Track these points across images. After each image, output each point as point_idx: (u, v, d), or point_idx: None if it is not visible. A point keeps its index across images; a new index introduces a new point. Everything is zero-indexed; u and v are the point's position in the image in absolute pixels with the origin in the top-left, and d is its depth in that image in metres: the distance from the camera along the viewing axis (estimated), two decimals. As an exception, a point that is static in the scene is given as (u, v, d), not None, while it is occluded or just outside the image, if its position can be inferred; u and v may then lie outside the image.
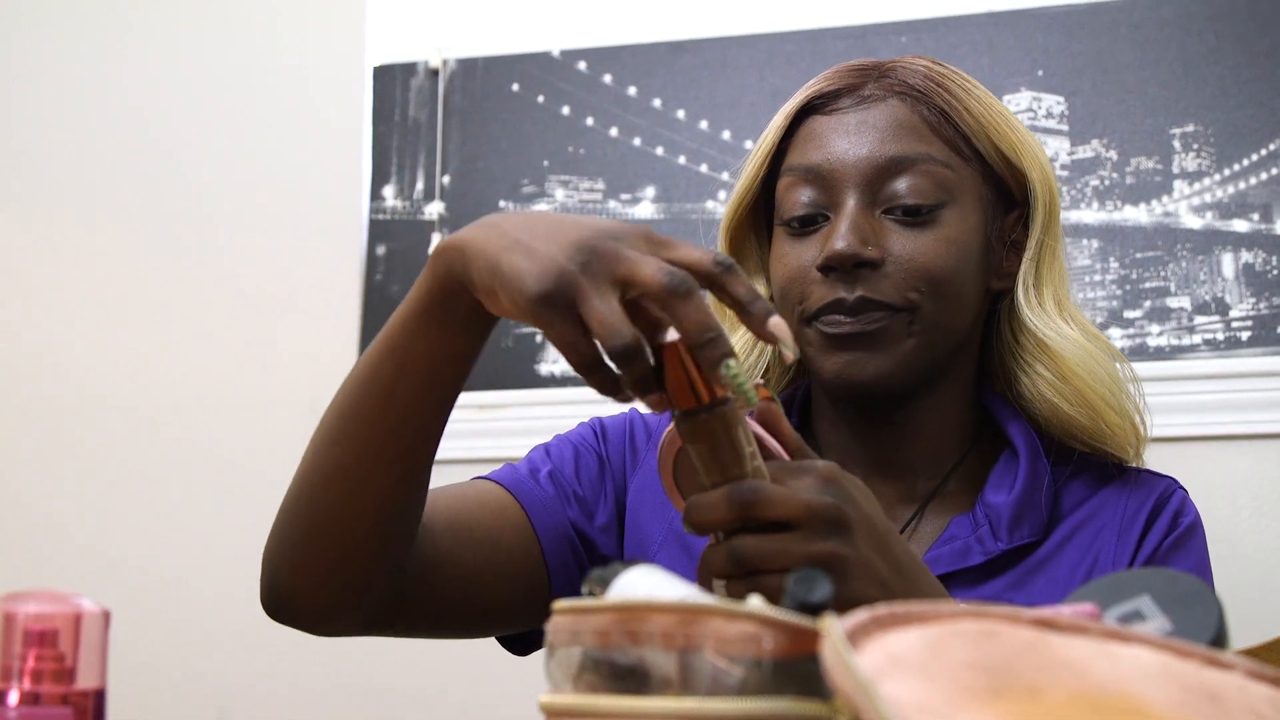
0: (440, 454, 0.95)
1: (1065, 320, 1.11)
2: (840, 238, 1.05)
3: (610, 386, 0.78)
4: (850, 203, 1.07)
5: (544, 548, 1.08)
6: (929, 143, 1.08)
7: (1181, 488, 1.14)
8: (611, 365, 0.76)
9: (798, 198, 1.09)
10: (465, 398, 1.95)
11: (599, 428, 1.19)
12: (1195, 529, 1.11)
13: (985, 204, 1.11)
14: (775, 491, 0.80)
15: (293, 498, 0.96)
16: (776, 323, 0.78)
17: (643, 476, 1.15)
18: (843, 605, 0.79)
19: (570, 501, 1.11)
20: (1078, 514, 1.11)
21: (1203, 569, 1.10)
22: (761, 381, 0.89)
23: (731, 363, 0.76)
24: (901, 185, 1.07)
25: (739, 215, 1.16)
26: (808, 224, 1.09)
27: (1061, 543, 1.09)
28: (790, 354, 0.80)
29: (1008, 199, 1.13)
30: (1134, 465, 1.15)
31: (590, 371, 0.77)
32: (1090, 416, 1.09)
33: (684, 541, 1.10)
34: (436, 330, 0.87)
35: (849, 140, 1.09)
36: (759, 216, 1.18)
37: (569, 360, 0.77)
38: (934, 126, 1.09)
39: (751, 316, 0.78)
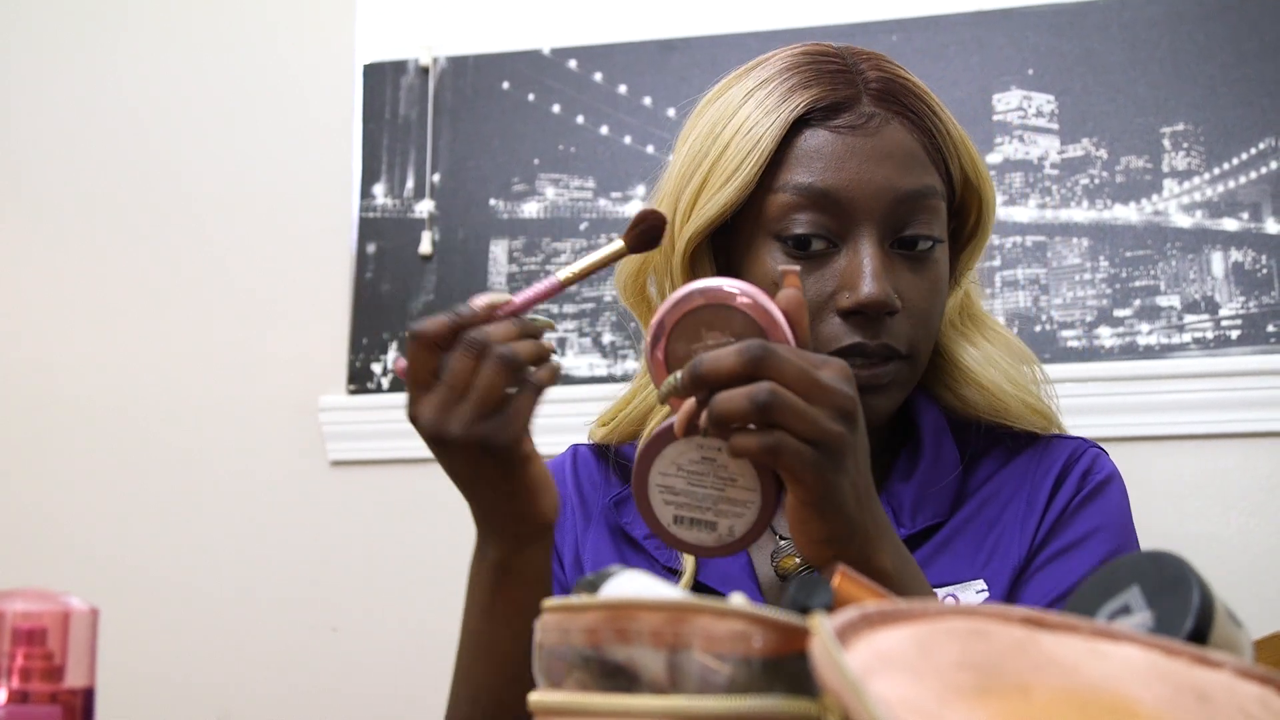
0: (419, 454, 0.91)
1: (986, 338, 1.11)
2: (873, 282, 0.99)
3: None
4: (871, 239, 1.01)
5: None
6: (930, 173, 1.04)
7: (1095, 446, 1.12)
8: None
9: (804, 219, 1.02)
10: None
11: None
12: (1108, 485, 1.09)
13: (949, 228, 1.08)
14: (791, 358, 0.79)
15: (453, 691, 1.01)
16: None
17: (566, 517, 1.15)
18: (827, 492, 0.79)
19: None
20: (987, 488, 1.09)
21: (1118, 524, 1.08)
22: (796, 269, 0.87)
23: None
24: (914, 223, 1.02)
25: (709, 229, 1.05)
26: (804, 245, 1.02)
27: (968, 518, 1.07)
28: None
29: (956, 216, 1.10)
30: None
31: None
32: (1006, 415, 1.10)
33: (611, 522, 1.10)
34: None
35: (867, 168, 1.01)
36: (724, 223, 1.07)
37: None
38: (929, 153, 1.04)
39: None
